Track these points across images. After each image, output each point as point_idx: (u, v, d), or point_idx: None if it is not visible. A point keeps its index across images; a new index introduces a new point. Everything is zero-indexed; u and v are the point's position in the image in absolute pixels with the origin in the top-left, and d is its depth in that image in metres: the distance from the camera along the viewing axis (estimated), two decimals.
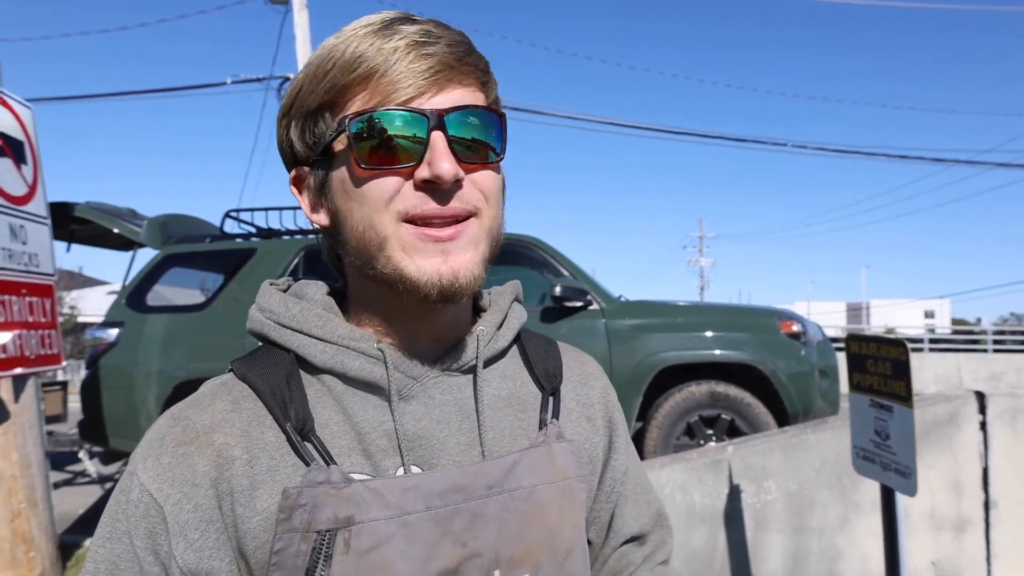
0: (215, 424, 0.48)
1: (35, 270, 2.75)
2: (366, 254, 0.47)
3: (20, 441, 2.63)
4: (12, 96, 2.74)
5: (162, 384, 3.54)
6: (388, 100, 0.45)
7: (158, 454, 0.47)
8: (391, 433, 0.49)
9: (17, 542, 2.60)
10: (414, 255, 0.46)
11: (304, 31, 8.50)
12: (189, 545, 0.45)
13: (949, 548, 2.31)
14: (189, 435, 0.47)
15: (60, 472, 5.33)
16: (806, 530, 2.31)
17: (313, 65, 0.47)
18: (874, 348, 1.57)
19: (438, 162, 0.44)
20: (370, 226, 0.46)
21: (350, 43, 0.45)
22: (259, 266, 3.70)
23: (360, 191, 0.46)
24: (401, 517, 0.45)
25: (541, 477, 0.51)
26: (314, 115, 0.48)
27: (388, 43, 0.45)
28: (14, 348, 2.55)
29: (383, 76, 0.45)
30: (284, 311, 0.51)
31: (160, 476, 0.46)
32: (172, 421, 0.49)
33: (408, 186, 0.46)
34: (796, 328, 3.53)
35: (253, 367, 0.50)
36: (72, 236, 4.55)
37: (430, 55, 0.45)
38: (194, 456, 0.46)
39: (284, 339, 0.51)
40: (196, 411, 0.49)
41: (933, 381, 10.03)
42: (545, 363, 0.58)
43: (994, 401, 2.30)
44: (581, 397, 0.60)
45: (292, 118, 0.49)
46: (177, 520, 0.45)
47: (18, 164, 2.72)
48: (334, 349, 0.49)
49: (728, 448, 2.35)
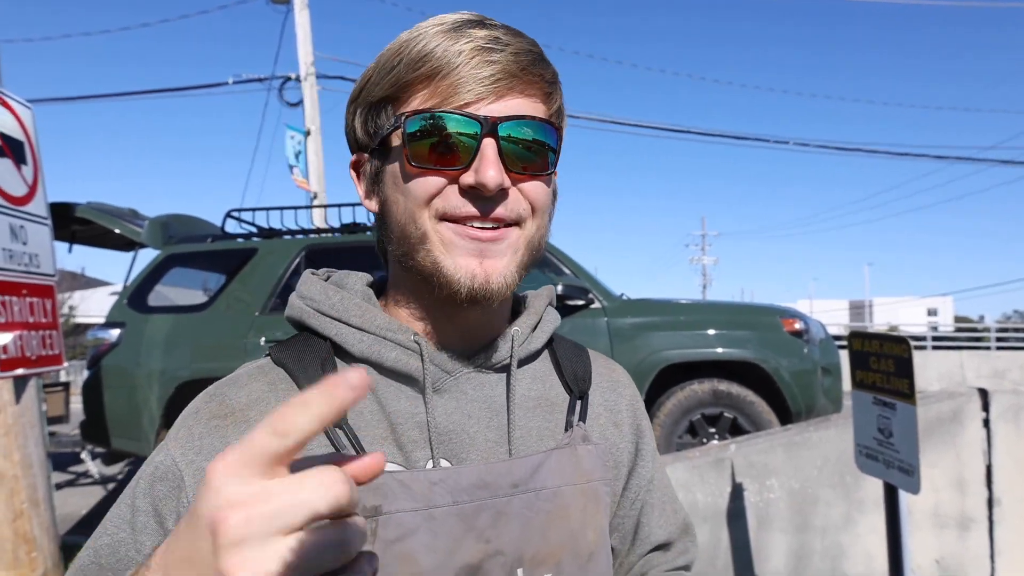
0: (251, 402, 0.49)
1: (36, 271, 2.75)
2: (407, 245, 0.49)
3: (22, 441, 2.63)
4: (12, 96, 2.74)
5: (164, 384, 3.54)
6: (447, 102, 0.46)
7: (191, 425, 0.48)
8: (423, 425, 0.49)
9: (19, 542, 2.60)
10: (452, 252, 0.47)
11: (305, 31, 8.50)
12: None
13: (953, 546, 2.30)
14: (224, 409, 0.48)
15: (62, 473, 5.34)
16: (809, 528, 2.30)
17: (383, 58, 0.48)
18: (877, 345, 1.56)
19: (484, 169, 0.45)
20: (411, 220, 0.48)
21: (419, 41, 0.46)
22: (260, 266, 3.70)
23: (407, 186, 0.48)
24: (427, 510, 0.46)
25: (565, 479, 0.51)
26: (377, 106, 0.49)
27: (455, 45, 0.45)
28: (15, 349, 2.55)
29: (445, 78, 0.45)
30: (324, 299, 0.52)
31: (188, 444, 0.47)
32: (208, 397, 0.50)
33: (452, 188, 0.47)
34: (799, 326, 3.52)
35: (290, 353, 0.51)
36: (73, 237, 4.56)
37: (494, 62, 0.45)
38: (227, 429, 0.47)
39: (322, 326, 0.52)
40: (233, 388, 0.50)
41: (936, 379, 10.01)
42: (575, 367, 0.59)
43: (998, 398, 2.29)
44: (609, 403, 0.61)
45: (358, 106, 0.51)
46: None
47: (18, 164, 2.72)
48: (371, 339, 0.50)
49: (731, 446, 2.34)
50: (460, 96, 0.45)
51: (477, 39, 0.45)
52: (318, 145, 8.65)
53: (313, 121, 8.58)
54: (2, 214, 2.57)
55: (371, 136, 0.50)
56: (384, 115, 0.49)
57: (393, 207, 0.49)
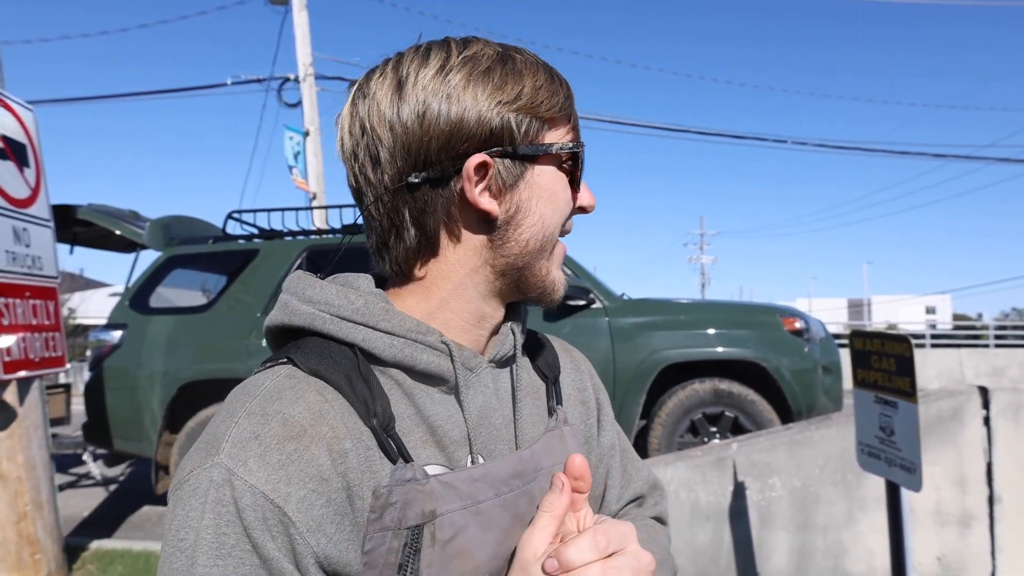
0: (317, 417, 0.45)
1: (38, 273, 2.75)
2: (535, 253, 0.53)
3: (25, 444, 2.63)
4: (14, 99, 2.74)
5: (166, 386, 3.55)
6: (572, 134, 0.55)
7: (260, 454, 0.43)
8: (460, 424, 0.51)
9: (23, 544, 2.60)
10: (557, 266, 0.56)
11: (304, 31, 8.50)
12: (329, 540, 0.43)
13: (954, 543, 2.31)
14: (294, 430, 0.44)
15: (64, 474, 5.34)
16: (811, 527, 2.31)
17: (543, 79, 0.52)
18: (878, 344, 1.57)
19: (592, 196, 0.57)
20: (552, 234, 0.54)
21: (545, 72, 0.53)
22: (262, 267, 3.71)
23: (560, 203, 0.54)
24: (474, 506, 0.48)
25: (556, 458, 0.56)
26: (541, 122, 0.52)
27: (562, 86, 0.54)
28: (18, 351, 2.55)
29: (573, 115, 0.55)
30: (346, 304, 0.50)
31: (272, 476, 0.42)
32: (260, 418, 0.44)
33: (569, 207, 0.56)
34: (799, 325, 3.53)
35: (318, 361, 0.48)
36: (75, 238, 4.56)
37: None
38: (312, 450, 0.44)
39: (345, 332, 0.49)
40: (286, 404, 0.45)
41: (935, 377, 10.03)
42: (544, 355, 0.64)
43: (998, 396, 2.30)
44: (575, 383, 0.66)
45: (515, 111, 0.50)
46: (309, 517, 0.42)
47: (21, 167, 2.72)
48: (402, 343, 0.50)
49: (732, 445, 2.35)
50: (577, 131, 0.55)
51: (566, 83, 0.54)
52: (317, 146, 8.65)
53: (312, 122, 8.58)
54: (5, 216, 2.58)
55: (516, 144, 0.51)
56: (543, 131, 0.53)
57: (536, 219, 0.53)
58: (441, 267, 0.52)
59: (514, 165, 0.51)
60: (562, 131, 0.53)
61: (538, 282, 0.54)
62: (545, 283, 0.55)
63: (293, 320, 0.51)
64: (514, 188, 0.51)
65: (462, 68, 0.49)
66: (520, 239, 0.52)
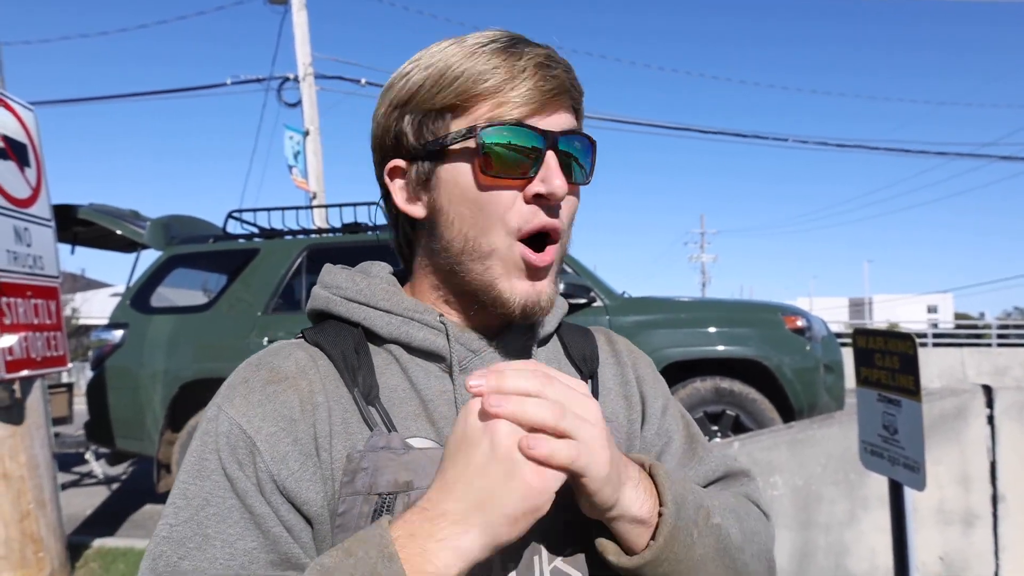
0: (300, 371, 0.50)
1: (40, 272, 2.76)
2: (466, 257, 0.50)
3: (28, 443, 2.63)
4: (15, 99, 2.74)
5: (167, 384, 3.55)
6: (510, 114, 0.48)
7: (245, 393, 0.49)
8: (451, 402, 0.51)
9: (26, 542, 2.61)
10: (512, 276, 0.50)
11: (303, 31, 8.49)
12: (291, 473, 0.47)
13: (957, 542, 2.31)
14: (277, 376, 0.50)
15: (67, 473, 5.35)
16: (813, 525, 2.31)
17: (436, 68, 0.49)
18: (881, 342, 1.57)
19: (552, 179, 0.48)
20: (482, 234, 0.49)
21: (480, 55, 0.48)
22: (262, 266, 3.71)
23: (478, 198, 0.49)
24: None
25: None
26: (436, 114, 0.49)
27: (519, 61, 0.48)
28: (20, 350, 2.56)
29: (512, 91, 0.48)
30: (352, 286, 0.55)
31: (251, 411, 0.48)
32: (254, 367, 0.51)
33: (520, 199, 0.49)
34: (801, 323, 3.53)
35: (324, 335, 0.53)
36: (76, 238, 4.56)
37: (553, 77, 0.48)
38: (287, 393, 0.49)
39: (350, 312, 0.53)
40: (278, 358, 0.51)
41: (937, 376, 10.01)
42: (581, 349, 0.61)
43: (1002, 395, 2.29)
44: (617, 376, 0.62)
45: (408, 112, 0.50)
46: (275, 450, 0.47)
47: (22, 167, 2.72)
48: (399, 320, 0.52)
49: (734, 444, 2.35)
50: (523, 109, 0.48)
51: (536, 56, 0.48)
52: (317, 145, 8.64)
53: (312, 121, 8.58)
54: (7, 216, 2.58)
55: (424, 143, 0.50)
56: (443, 123, 0.49)
57: (456, 219, 0.50)
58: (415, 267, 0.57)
59: (422, 166, 0.51)
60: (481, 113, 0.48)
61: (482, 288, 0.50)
62: (491, 291, 0.49)
63: (315, 304, 0.56)
64: (427, 189, 0.51)
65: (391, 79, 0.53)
66: (443, 241, 0.51)
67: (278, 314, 3.61)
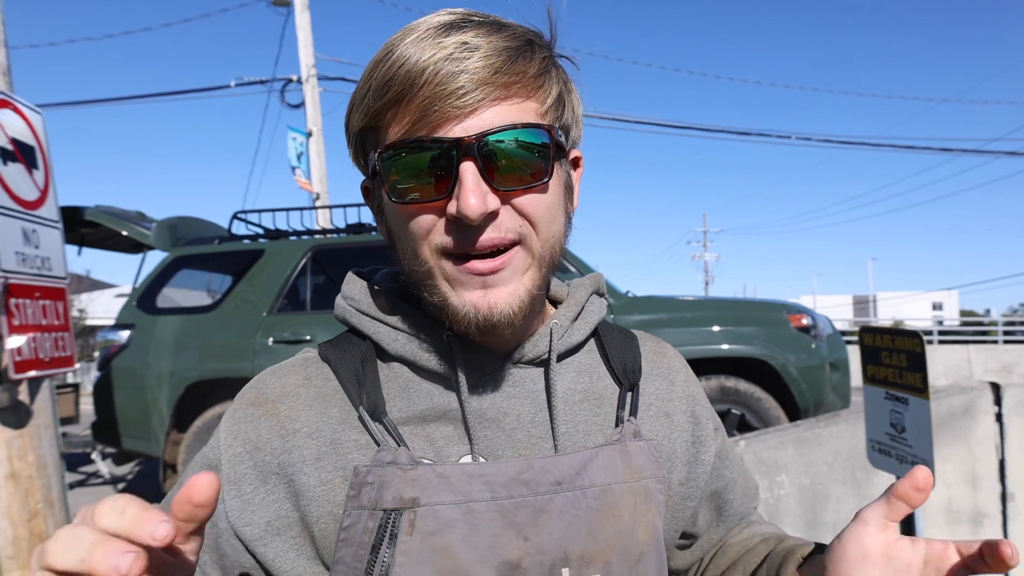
0: (283, 395, 0.51)
1: (48, 273, 2.77)
2: (416, 278, 0.49)
3: (36, 442, 2.65)
4: (23, 102, 2.76)
5: (173, 385, 3.57)
6: (417, 127, 0.42)
7: (234, 409, 0.52)
8: (457, 421, 0.50)
9: (35, 542, 2.62)
10: (458, 288, 0.46)
11: (306, 32, 8.51)
12: (238, 495, 0.48)
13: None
14: (260, 398, 0.51)
15: (73, 473, 5.37)
16: (820, 524, 2.30)
17: (361, 81, 0.46)
18: (888, 340, 1.56)
19: (465, 198, 0.42)
20: (414, 256, 0.47)
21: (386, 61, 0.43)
22: (267, 267, 3.72)
23: (401, 223, 0.47)
24: (466, 503, 0.45)
25: (615, 476, 0.50)
26: (360, 137, 0.48)
27: (419, 62, 0.42)
28: (29, 351, 2.57)
29: (411, 101, 0.42)
30: (364, 298, 0.54)
31: (229, 429, 0.50)
32: (253, 383, 0.53)
33: (442, 221, 0.45)
34: (806, 321, 3.51)
35: (335, 349, 0.53)
36: (82, 240, 4.59)
37: (459, 72, 0.41)
38: (259, 419, 0.50)
39: (361, 324, 0.53)
40: (272, 378, 0.53)
41: (943, 373, 9.96)
42: (623, 358, 0.57)
43: (1010, 392, 2.28)
44: (661, 392, 0.58)
45: (349, 135, 0.50)
46: (233, 471, 0.49)
47: (30, 169, 2.74)
48: (405, 337, 0.51)
49: (740, 443, 2.34)
50: (428, 119, 0.42)
51: (443, 49, 0.41)
52: (320, 146, 8.66)
53: (315, 122, 8.60)
54: (16, 218, 2.59)
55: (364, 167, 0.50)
56: (368, 146, 0.47)
57: (397, 240, 0.49)
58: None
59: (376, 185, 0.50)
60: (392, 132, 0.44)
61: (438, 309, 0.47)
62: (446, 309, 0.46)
63: (336, 313, 0.56)
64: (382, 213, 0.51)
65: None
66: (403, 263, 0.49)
67: (283, 315, 3.62)
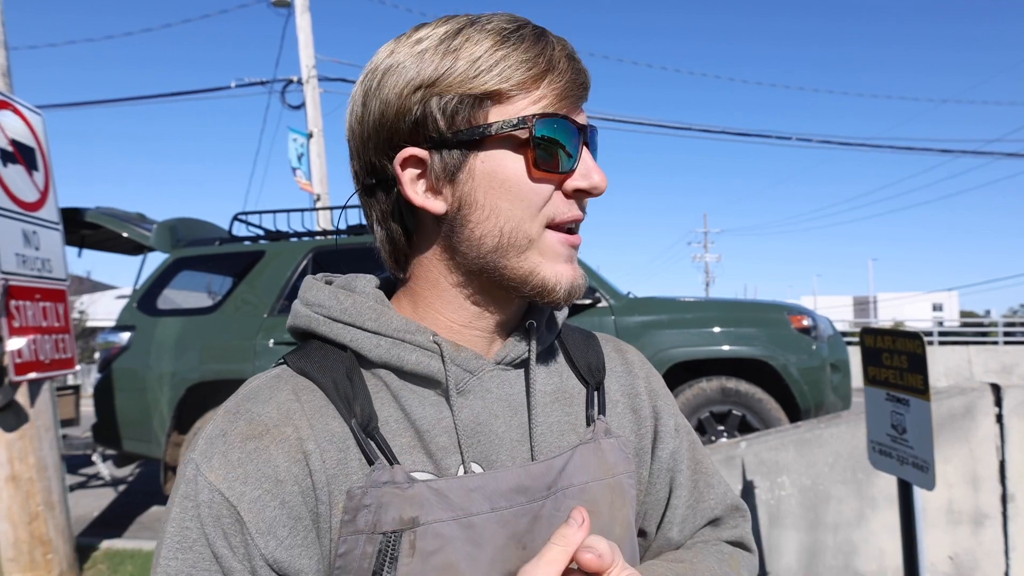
0: (283, 417, 0.45)
1: (48, 275, 2.77)
2: (502, 251, 0.46)
3: (36, 445, 2.65)
4: (23, 103, 2.76)
5: (174, 387, 3.57)
6: (551, 106, 0.46)
7: (224, 451, 0.44)
8: (450, 430, 0.47)
9: (35, 544, 2.62)
10: (551, 260, 0.48)
11: (307, 33, 8.52)
12: (279, 543, 0.43)
13: (967, 542, 2.29)
14: (257, 429, 0.44)
15: (74, 475, 5.37)
16: (821, 525, 2.30)
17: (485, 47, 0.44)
18: (889, 341, 1.56)
19: (594, 174, 0.47)
20: (519, 227, 0.46)
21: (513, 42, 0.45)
22: (268, 268, 3.72)
23: (520, 191, 0.46)
24: (466, 518, 0.44)
25: (592, 474, 0.50)
26: (474, 100, 0.45)
27: (554, 52, 0.45)
28: (29, 353, 2.57)
29: (556, 80, 0.45)
30: (335, 304, 0.49)
31: (231, 474, 0.43)
32: (232, 416, 0.46)
33: (559, 193, 0.47)
34: (807, 322, 3.51)
35: (309, 361, 0.48)
36: (83, 241, 4.59)
37: (583, 71, 0.47)
38: (270, 450, 0.44)
39: (336, 333, 0.49)
40: (257, 404, 0.46)
41: (944, 374, 9.96)
42: (587, 357, 0.57)
43: (1010, 393, 2.28)
44: (626, 388, 0.59)
45: (438, 94, 0.45)
46: (261, 519, 0.42)
47: (30, 170, 2.74)
48: (389, 342, 0.48)
49: (741, 444, 2.34)
50: (565, 102, 0.46)
51: (565, 48, 0.46)
52: (321, 147, 8.67)
53: (315, 124, 8.60)
54: (15, 220, 2.59)
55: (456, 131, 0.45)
56: (482, 111, 0.45)
57: (491, 212, 0.46)
58: (418, 269, 0.51)
59: (450, 155, 0.46)
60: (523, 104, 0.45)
61: (521, 280, 0.47)
62: (532, 280, 0.47)
63: (297, 323, 0.51)
64: (454, 181, 0.46)
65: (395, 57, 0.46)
66: (472, 237, 0.47)
67: (284, 316, 3.62)
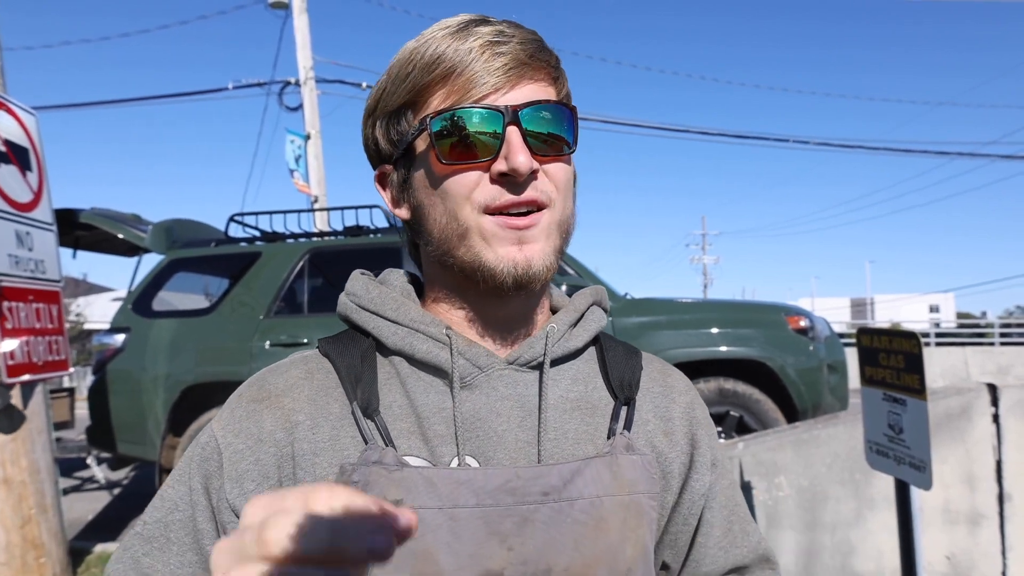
0: (286, 389, 0.51)
1: (41, 276, 2.76)
2: (448, 244, 0.50)
3: (29, 447, 2.63)
4: (17, 103, 2.75)
5: (169, 389, 3.55)
6: (465, 98, 0.47)
7: (233, 407, 0.52)
8: (449, 419, 0.49)
9: (28, 548, 2.60)
10: (494, 244, 0.48)
11: (304, 35, 8.52)
12: (242, 493, 0.48)
13: (964, 542, 2.29)
14: (262, 394, 0.52)
15: (68, 478, 5.34)
16: (819, 526, 2.29)
17: (395, 68, 0.50)
18: (886, 341, 1.56)
19: (514, 156, 0.47)
20: (453, 217, 0.49)
21: (429, 45, 0.48)
22: (264, 270, 3.71)
23: (442, 186, 0.49)
24: (451, 509, 0.45)
25: (605, 489, 0.49)
26: (397, 114, 0.51)
27: (464, 44, 0.47)
28: (22, 355, 2.55)
29: (460, 75, 0.47)
30: (365, 294, 0.55)
31: (229, 426, 0.50)
32: (252, 381, 0.54)
33: (486, 179, 0.48)
34: (804, 323, 3.52)
35: (335, 345, 0.54)
36: (77, 242, 4.57)
37: (503, 53, 0.48)
38: (263, 413, 0.50)
39: (362, 320, 0.54)
40: (273, 375, 0.53)
41: (940, 375, 9.99)
42: (622, 371, 0.57)
43: (1006, 393, 2.28)
44: (661, 410, 0.57)
45: (377, 118, 0.52)
46: (235, 467, 0.49)
47: (23, 171, 2.72)
48: (405, 331, 0.52)
49: (739, 445, 2.34)
50: (477, 90, 0.47)
51: (484, 35, 0.48)
52: (318, 149, 8.66)
53: (313, 125, 8.60)
54: (8, 220, 2.58)
55: (394, 145, 0.52)
56: (405, 121, 0.50)
57: (430, 209, 0.50)
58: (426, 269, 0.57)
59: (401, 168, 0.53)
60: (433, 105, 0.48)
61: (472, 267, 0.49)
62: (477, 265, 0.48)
63: (339, 310, 0.57)
64: (408, 189, 0.52)
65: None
66: (430, 235, 0.51)
67: (280, 318, 3.61)
